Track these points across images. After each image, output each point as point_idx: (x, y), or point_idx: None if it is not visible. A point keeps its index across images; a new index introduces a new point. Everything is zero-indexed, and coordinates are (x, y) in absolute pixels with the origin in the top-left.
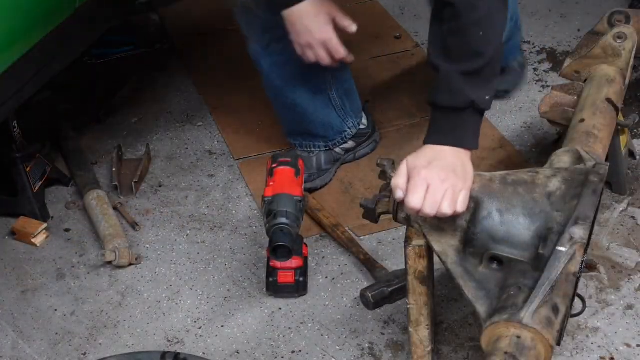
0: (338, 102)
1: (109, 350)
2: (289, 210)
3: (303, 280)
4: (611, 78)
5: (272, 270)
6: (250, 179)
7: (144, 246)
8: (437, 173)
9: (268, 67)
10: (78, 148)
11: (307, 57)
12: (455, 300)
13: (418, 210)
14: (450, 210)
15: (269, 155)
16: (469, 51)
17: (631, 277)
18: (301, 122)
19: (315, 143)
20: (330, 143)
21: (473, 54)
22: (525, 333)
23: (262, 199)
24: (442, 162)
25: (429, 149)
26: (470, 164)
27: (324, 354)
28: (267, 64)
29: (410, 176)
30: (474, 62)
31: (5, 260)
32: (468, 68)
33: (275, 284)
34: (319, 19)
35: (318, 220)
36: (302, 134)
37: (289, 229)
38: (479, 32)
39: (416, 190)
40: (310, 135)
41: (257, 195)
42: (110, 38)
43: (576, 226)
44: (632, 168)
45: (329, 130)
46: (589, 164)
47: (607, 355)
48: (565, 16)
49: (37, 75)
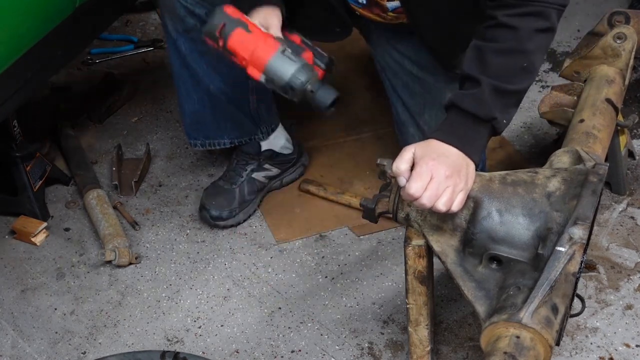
0: (254, 105)
1: (108, 350)
2: (298, 69)
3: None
4: (611, 78)
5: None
6: None
7: (144, 245)
8: (444, 168)
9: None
10: (78, 147)
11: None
12: (454, 300)
13: (416, 198)
14: (445, 207)
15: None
16: (509, 74)
17: (630, 277)
18: (212, 112)
19: (220, 140)
20: (236, 141)
21: (512, 77)
22: (525, 333)
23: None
24: (450, 159)
25: (437, 144)
26: (474, 169)
27: (323, 354)
28: (186, 46)
29: (416, 164)
30: (510, 85)
31: (5, 259)
32: (505, 88)
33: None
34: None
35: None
36: (207, 129)
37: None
38: (524, 63)
39: (420, 178)
40: (217, 130)
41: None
42: (110, 38)
43: (575, 226)
44: (632, 168)
45: (237, 130)
46: (589, 164)
47: (606, 356)
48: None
49: (37, 75)
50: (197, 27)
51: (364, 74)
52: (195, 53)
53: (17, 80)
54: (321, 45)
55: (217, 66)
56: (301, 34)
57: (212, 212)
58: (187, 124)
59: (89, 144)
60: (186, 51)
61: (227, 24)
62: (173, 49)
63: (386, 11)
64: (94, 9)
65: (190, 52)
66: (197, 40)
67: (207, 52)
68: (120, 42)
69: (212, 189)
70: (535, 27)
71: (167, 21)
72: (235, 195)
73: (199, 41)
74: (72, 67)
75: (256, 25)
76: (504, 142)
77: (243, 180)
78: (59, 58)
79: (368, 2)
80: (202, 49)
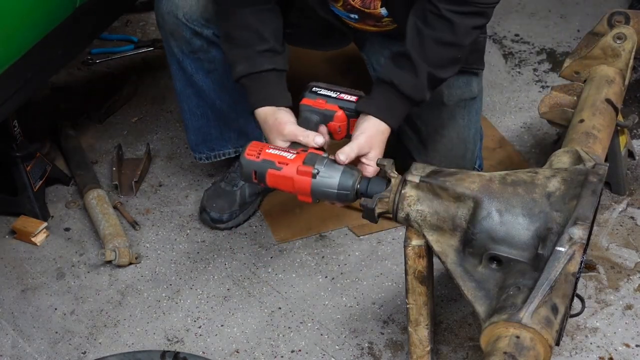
0: None
1: (108, 349)
2: (339, 183)
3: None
4: (611, 78)
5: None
6: None
7: (144, 245)
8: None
9: (193, 68)
10: (78, 147)
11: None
12: (454, 300)
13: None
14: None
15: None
16: (443, 63)
17: (630, 277)
18: (217, 126)
19: (225, 151)
20: (240, 149)
21: (445, 67)
22: (524, 333)
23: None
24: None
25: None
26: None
27: (323, 354)
28: (193, 66)
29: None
30: (442, 73)
31: (5, 259)
32: (438, 75)
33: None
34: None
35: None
36: (211, 142)
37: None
38: (457, 55)
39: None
40: (221, 141)
41: None
42: (110, 38)
43: (575, 226)
44: (632, 168)
45: (242, 138)
46: (589, 165)
47: (606, 356)
48: (565, 17)
49: (37, 75)
50: (204, 47)
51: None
52: (201, 72)
53: (17, 80)
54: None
55: (224, 82)
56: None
57: (212, 215)
58: (192, 140)
59: (89, 144)
60: (192, 71)
61: (257, 171)
62: (177, 69)
63: (381, 19)
64: (94, 9)
65: (196, 71)
66: (203, 60)
67: (214, 70)
68: (120, 42)
69: (212, 191)
70: (473, 24)
71: (171, 42)
72: (236, 198)
73: (205, 61)
74: (72, 67)
75: (280, 149)
76: (504, 142)
77: (244, 183)
78: (59, 58)
79: (360, 16)
80: (208, 67)
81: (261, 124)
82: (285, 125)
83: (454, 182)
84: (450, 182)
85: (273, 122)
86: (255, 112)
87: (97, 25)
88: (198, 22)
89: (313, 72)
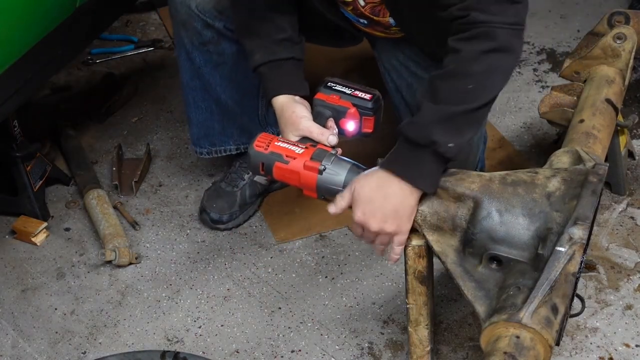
0: (263, 110)
1: (108, 349)
2: (345, 181)
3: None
4: (611, 79)
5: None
6: None
7: (144, 245)
8: (372, 221)
9: (202, 61)
10: (78, 147)
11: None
12: (454, 300)
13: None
14: (381, 255)
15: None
16: (454, 96)
17: (630, 277)
18: (221, 120)
19: (226, 147)
20: (242, 147)
21: (457, 99)
22: (524, 333)
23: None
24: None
25: (377, 174)
26: (414, 202)
27: (323, 354)
28: (201, 58)
29: (353, 205)
30: (455, 106)
31: (5, 259)
32: (449, 110)
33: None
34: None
35: None
36: (213, 137)
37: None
38: (469, 85)
39: (355, 229)
40: (223, 136)
41: None
42: (110, 38)
43: (575, 226)
44: (632, 168)
45: (245, 135)
46: (589, 165)
47: (605, 356)
48: (565, 17)
49: (37, 75)
50: (214, 39)
51: (365, 73)
52: (210, 65)
53: (17, 80)
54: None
55: (232, 76)
56: (335, 80)
57: (212, 215)
58: (194, 134)
59: (89, 144)
60: (201, 63)
61: (264, 162)
62: (186, 60)
63: (389, 27)
64: (94, 9)
65: (205, 64)
66: (213, 53)
67: (223, 64)
68: (120, 42)
69: (213, 191)
70: (481, 49)
71: (182, 33)
72: (237, 198)
73: (214, 53)
74: (72, 67)
75: (289, 142)
76: (504, 142)
77: (245, 183)
78: (59, 58)
79: (369, 22)
80: (217, 60)
81: (277, 114)
82: (301, 120)
83: (454, 182)
84: (450, 182)
85: (290, 115)
86: (273, 100)
87: (97, 25)
88: (210, 14)
89: (331, 68)
